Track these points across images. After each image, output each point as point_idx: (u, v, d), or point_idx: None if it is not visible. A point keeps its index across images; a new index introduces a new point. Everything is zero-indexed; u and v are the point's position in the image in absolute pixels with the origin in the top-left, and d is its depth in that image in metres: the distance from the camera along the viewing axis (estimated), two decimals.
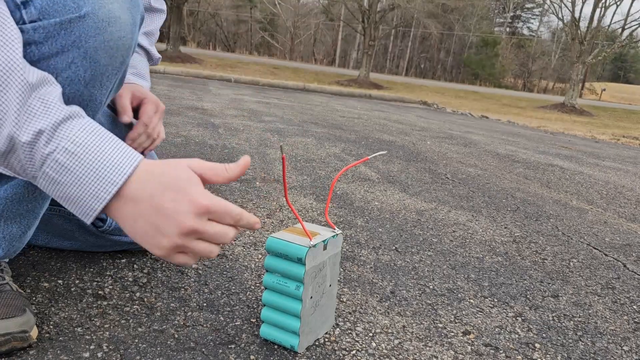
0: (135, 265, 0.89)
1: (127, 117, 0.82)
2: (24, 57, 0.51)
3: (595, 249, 1.39)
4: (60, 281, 0.80)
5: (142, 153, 0.87)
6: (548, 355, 0.78)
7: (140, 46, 0.95)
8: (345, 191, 1.67)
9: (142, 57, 0.96)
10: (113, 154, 0.49)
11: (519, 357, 0.76)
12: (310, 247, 0.64)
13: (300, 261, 0.64)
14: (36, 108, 0.48)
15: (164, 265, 0.90)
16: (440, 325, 0.83)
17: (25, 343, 0.61)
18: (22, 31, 0.50)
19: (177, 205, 0.49)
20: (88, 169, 0.48)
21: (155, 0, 0.97)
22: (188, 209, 0.49)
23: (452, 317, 0.87)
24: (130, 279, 0.84)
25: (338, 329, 0.77)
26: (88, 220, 0.50)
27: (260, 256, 1.01)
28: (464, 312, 0.89)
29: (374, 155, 0.69)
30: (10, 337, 0.59)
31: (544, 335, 0.85)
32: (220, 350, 0.67)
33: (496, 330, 0.84)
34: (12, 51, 0.47)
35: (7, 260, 0.68)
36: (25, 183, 0.62)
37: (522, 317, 0.90)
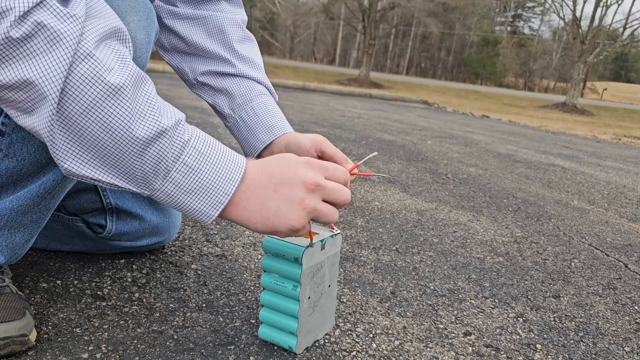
0: (134, 266, 0.88)
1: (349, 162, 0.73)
2: None
3: (596, 249, 1.39)
4: (58, 281, 0.79)
5: None
6: (549, 356, 0.78)
7: (264, 85, 0.83)
8: None
9: (270, 97, 0.82)
10: (222, 146, 0.54)
11: (520, 358, 0.76)
12: (306, 247, 0.64)
13: (297, 261, 0.64)
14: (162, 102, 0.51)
15: (162, 265, 0.90)
16: (441, 326, 0.83)
17: (24, 347, 0.60)
18: None
19: (295, 169, 0.54)
20: (219, 154, 0.52)
21: (244, 22, 0.83)
22: (305, 169, 0.54)
23: (453, 317, 0.86)
24: (129, 280, 0.83)
25: (338, 329, 0.77)
26: (217, 211, 0.51)
27: (259, 256, 1.01)
28: (464, 313, 0.88)
29: (365, 159, 0.69)
30: (9, 341, 0.59)
31: (545, 336, 0.84)
32: (220, 351, 0.66)
33: (497, 331, 0.84)
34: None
35: None
36: (32, 195, 0.60)
37: (523, 318, 0.90)
